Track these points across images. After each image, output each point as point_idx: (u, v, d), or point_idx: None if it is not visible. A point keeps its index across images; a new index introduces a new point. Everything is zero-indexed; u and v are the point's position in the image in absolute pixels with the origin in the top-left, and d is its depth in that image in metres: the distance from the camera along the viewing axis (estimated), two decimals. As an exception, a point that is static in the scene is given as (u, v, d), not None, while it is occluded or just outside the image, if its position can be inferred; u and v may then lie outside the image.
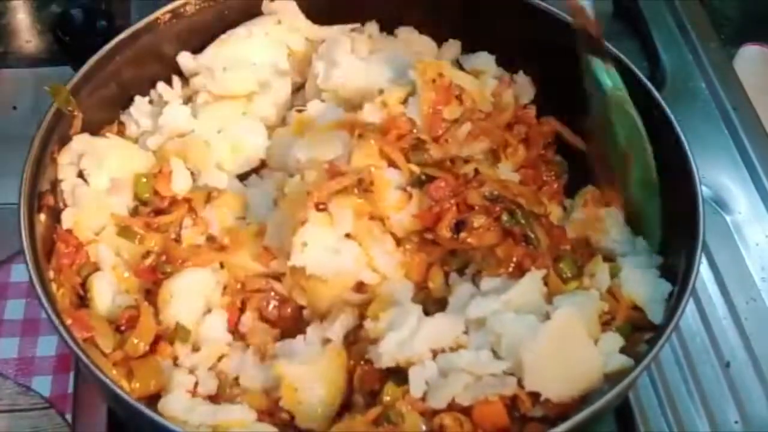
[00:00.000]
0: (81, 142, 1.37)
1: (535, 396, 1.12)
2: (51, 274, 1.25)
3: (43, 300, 1.15)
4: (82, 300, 1.29)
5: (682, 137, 1.31)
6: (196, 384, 1.22)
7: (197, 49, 1.51)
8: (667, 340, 1.11)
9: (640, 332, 1.23)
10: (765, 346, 1.49)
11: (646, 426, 1.39)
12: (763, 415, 1.41)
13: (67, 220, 1.31)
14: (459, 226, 1.24)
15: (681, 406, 1.42)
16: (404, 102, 1.40)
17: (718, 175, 1.72)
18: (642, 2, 1.99)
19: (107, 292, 1.27)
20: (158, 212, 1.36)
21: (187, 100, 1.49)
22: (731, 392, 1.44)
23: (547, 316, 1.17)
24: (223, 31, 1.53)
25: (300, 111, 1.45)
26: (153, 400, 1.19)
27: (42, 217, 1.28)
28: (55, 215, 1.32)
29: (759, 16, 2.58)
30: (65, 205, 1.34)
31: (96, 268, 1.30)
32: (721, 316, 1.53)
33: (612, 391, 1.08)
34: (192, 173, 1.41)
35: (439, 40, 1.60)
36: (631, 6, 2.00)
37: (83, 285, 1.29)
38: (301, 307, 1.30)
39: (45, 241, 1.27)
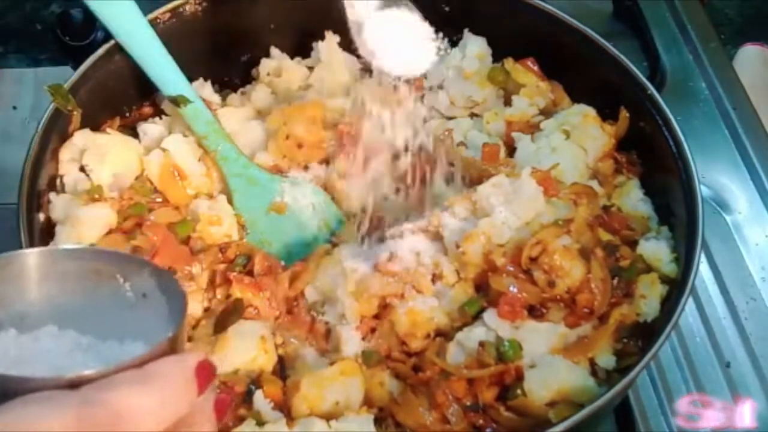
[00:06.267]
0: (82, 137, 1.37)
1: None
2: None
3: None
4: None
5: (682, 137, 1.30)
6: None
7: (196, 49, 1.51)
8: (666, 339, 1.11)
9: (635, 338, 1.23)
10: (765, 346, 1.49)
11: (646, 426, 1.39)
12: (763, 415, 1.41)
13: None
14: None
15: (681, 405, 1.42)
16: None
17: (718, 175, 1.71)
18: (642, 2, 1.99)
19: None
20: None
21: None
22: (731, 392, 1.44)
23: None
24: (223, 31, 1.53)
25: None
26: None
27: (42, 216, 1.29)
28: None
29: (759, 16, 2.59)
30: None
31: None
32: (721, 316, 1.53)
33: (611, 391, 1.08)
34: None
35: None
36: (631, 6, 2.00)
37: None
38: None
39: (44, 241, 1.27)
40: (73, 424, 0.56)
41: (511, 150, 1.43)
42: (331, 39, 1.54)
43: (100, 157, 1.35)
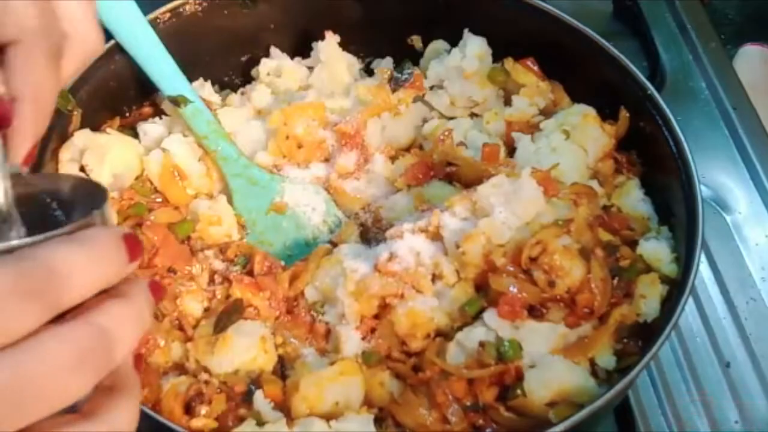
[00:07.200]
0: (82, 137, 1.37)
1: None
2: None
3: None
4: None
5: (682, 137, 1.30)
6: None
7: (196, 49, 1.51)
8: (666, 339, 1.11)
9: (635, 338, 1.22)
10: (765, 346, 1.49)
11: (646, 426, 1.39)
12: (763, 415, 1.41)
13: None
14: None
15: (681, 406, 1.42)
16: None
17: (718, 175, 1.72)
18: (642, 2, 1.99)
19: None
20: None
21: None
22: (731, 392, 1.44)
23: None
24: (223, 31, 1.54)
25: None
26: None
27: (41, 216, 1.28)
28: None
29: (759, 16, 2.59)
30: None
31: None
32: (721, 316, 1.53)
33: (611, 391, 1.08)
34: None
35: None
36: (631, 6, 2.00)
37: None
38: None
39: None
40: (12, 280, 0.58)
41: (511, 150, 1.43)
42: (331, 39, 1.54)
43: (100, 157, 1.35)
